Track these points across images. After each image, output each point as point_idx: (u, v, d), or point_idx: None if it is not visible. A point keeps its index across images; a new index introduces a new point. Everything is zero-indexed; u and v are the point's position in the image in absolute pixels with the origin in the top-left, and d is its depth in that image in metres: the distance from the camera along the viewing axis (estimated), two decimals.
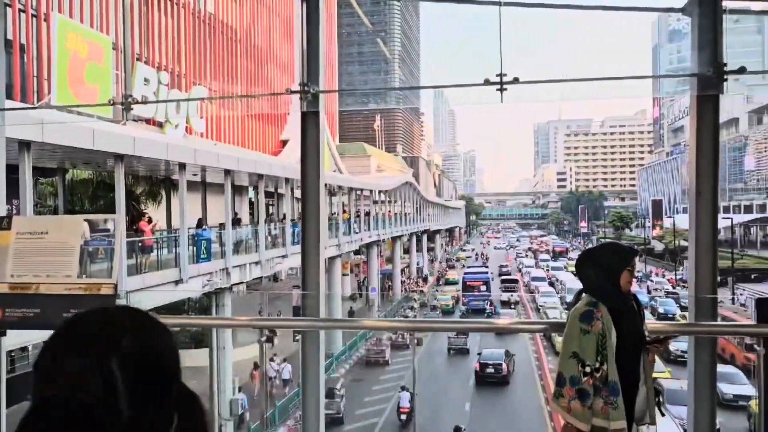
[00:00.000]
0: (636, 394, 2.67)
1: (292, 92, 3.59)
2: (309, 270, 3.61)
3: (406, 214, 56.13)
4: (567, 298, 39.33)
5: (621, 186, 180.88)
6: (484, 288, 45.96)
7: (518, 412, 24.26)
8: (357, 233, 37.87)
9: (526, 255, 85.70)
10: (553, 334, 19.35)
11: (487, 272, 52.32)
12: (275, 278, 39.11)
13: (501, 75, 3.30)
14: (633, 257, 2.82)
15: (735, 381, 21.17)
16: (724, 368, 21.95)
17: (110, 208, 18.63)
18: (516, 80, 3.32)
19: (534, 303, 45.91)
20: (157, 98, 28.92)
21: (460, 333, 31.75)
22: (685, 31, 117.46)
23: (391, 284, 52.00)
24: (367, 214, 42.11)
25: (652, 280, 53.36)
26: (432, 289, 55.15)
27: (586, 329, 2.58)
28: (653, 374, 2.79)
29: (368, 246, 43.77)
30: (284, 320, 10.84)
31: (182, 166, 19.21)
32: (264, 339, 3.51)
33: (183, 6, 34.74)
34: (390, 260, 54.61)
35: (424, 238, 69.55)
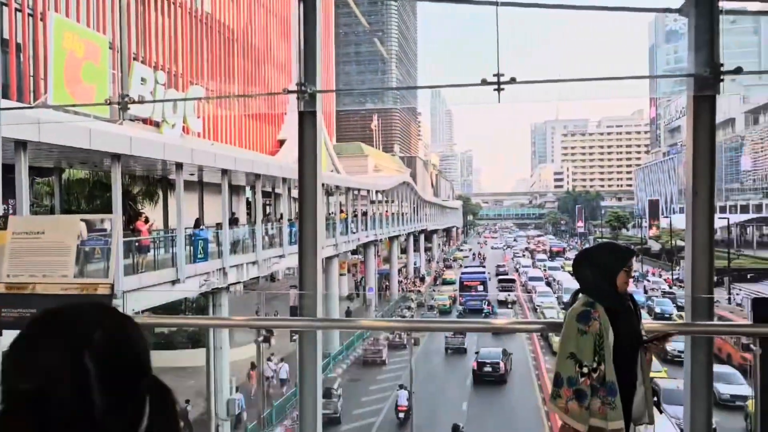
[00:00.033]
0: (633, 394, 2.66)
1: (289, 92, 3.59)
2: (306, 270, 3.61)
3: (403, 214, 56.14)
4: (564, 298, 39.38)
5: (618, 186, 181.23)
6: (481, 288, 46.01)
7: (515, 411, 24.29)
8: (354, 233, 37.87)
9: (523, 255, 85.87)
10: (551, 333, 19.40)
11: (484, 272, 52.36)
12: (272, 278, 39.10)
13: (498, 75, 3.30)
14: (630, 258, 2.79)
15: (732, 381, 21.18)
16: (721, 368, 21.98)
17: (107, 208, 18.58)
18: (513, 80, 3.31)
19: (531, 303, 45.94)
20: (154, 98, 28.87)
21: (458, 333, 31.80)
22: (682, 32, 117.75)
23: (388, 284, 52.00)
24: (364, 213, 42.11)
25: (648, 280, 53.47)
26: (429, 289, 55.16)
27: (584, 329, 2.57)
28: (650, 374, 2.79)
29: (365, 246, 43.77)
30: (281, 320, 10.83)
31: (179, 166, 19.19)
32: (261, 339, 3.51)
33: (180, 5, 34.69)
34: (387, 260, 54.61)
35: (422, 238, 69.58)
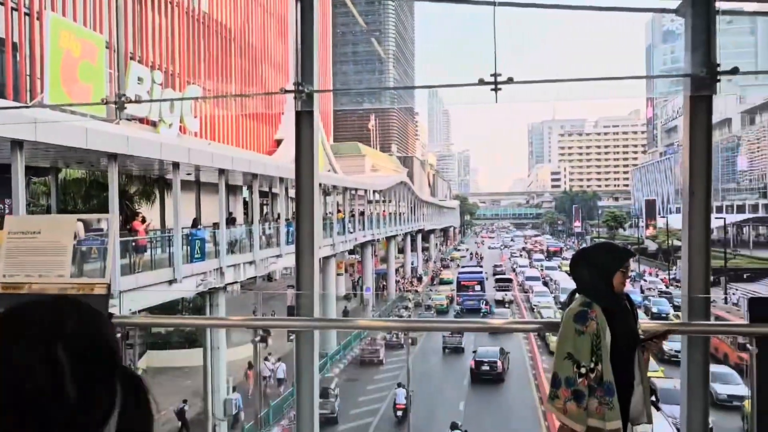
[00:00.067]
0: (630, 394, 2.65)
1: (286, 91, 3.59)
2: (303, 270, 3.61)
3: (400, 213, 56.16)
4: (561, 298, 39.39)
5: (615, 186, 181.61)
6: (478, 288, 46.05)
7: (513, 410, 24.35)
8: (351, 233, 37.86)
9: (521, 255, 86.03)
10: (547, 333, 19.42)
11: (481, 272, 52.41)
12: (269, 278, 39.09)
13: (495, 75, 3.29)
14: (627, 258, 2.78)
15: (729, 381, 21.24)
16: (719, 368, 22.04)
17: (103, 208, 18.56)
18: (510, 80, 3.31)
19: (528, 303, 46.02)
20: (151, 97, 28.81)
21: (455, 332, 31.77)
22: (678, 32, 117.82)
23: (385, 284, 52.02)
24: (361, 213, 42.08)
25: (645, 280, 53.57)
26: (426, 289, 55.20)
27: (581, 330, 2.56)
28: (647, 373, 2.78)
29: (363, 246, 43.76)
30: (278, 320, 10.83)
31: (176, 166, 19.15)
32: (258, 339, 3.50)
33: (177, 5, 34.63)
34: (384, 260, 54.62)
35: (419, 237, 69.62)
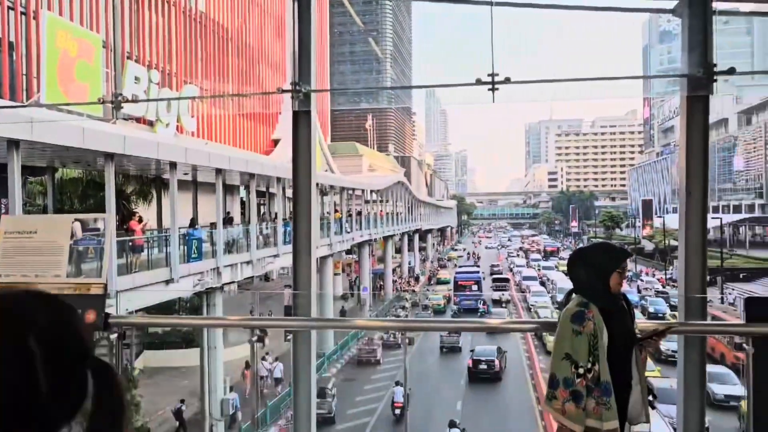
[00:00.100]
0: (627, 394, 2.65)
1: (283, 91, 3.59)
2: (300, 269, 3.61)
3: (397, 213, 56.14)
4: (558, 298, 39.47)
5: (612, 186, 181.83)
6: (475, 287, 46.08)
7: (510, 409, 24.40)
8: (348, 233, 37.83)
9: (518, 254, 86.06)
10: (545, 333, 19.45)
11: (478, 272, 52.46)
12: (266, 278, 39.03)
13: (492, 75, 3.30)
14: (624, 259, 2.77)
15: (726, 381, 21.22)
16: (716, 368, 22.05)
17: (100, 208, 18.49)
18: (507, 80, 3.32)
19: (525, 302, 46.06)
20: (148, 97, 28.73)
21: (452, 332, 31.79)
22: (675, 32, 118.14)
23: (382, 284, 52.01)
24: (358, 213, 42.08)
25: (642, 280, 53.62)
26: (423, 289, 55.22)
27: (578, 330, 2.56)
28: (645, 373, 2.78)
29: (360, 245, 43.74)
30: (276, 320, 10.84)
31: (173, 165, 19.11)
32: (255, 339, 3.50)
33: (174, 4, 34.57)
34: (382, 260, 54.61)
35: (416, 237, 69.61)
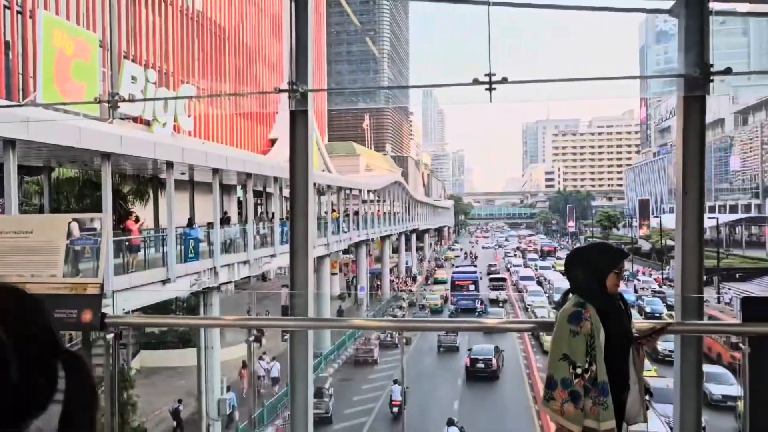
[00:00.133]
0: (624, 394, 2.64)
1: (280, 91, 3.58)
2: (297, 269, 3.60)
3: (395, 213, 56.15)
4: (555, 297, 39.52)
5: (608, 186, 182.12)
6: (472, 287, 46.10)
7: (507, 408, 24.47)
8: (346, 232, 37.83)
9: (515, 254, 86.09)
10: (541, 333, 19.45)
11: (475, 271, 52.47)
12: (264, 277, 38.98)
13: (490, 75, 3.30)
14: (622, 259, 2.76)
15: (723, 381, 21.20)
16: (713, 368, 22.08)
17: (97, 207, 18.45)
18: (505, 80, 3.32)
19: (522, 302, 46.09)
20: (145, 96, 28.68)
21: (450, 331, 31.79)
22: (672, 32, 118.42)
23: (379, 283, 52.00)
24: (356, 213, 42.08)
25: (639, 279, 53.73)
26: (421, 289, 55.22)
27: (576, 330, 2.55)
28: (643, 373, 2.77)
29: (357, 245, 43.74)
30: (273, 320, 10.84)
31: (170, 165, 19.08)
32: (252, 339, 3.50)
33: (171, 3, 34.52)
34: (379, 259, 54.61)
35: (413, 237, 69.62)
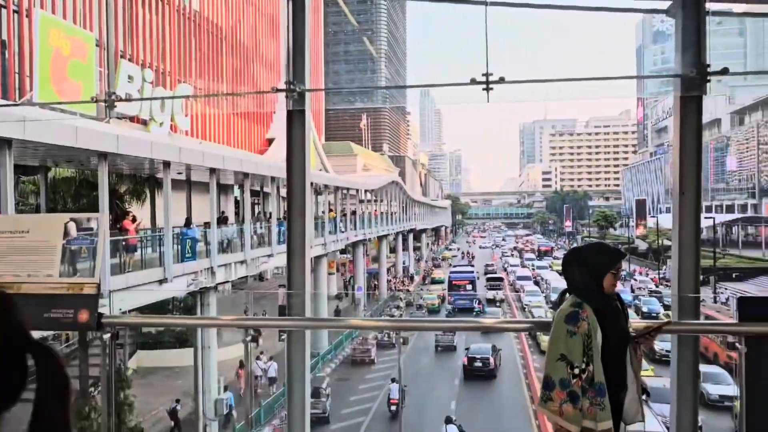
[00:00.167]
0: (622, 394, 2.64)
1: (278, 90, 3.58)
2: (294, 269, 3.60)
3: (392, 213, 56.16)
4: (552, 297, 39.55)
5: (605, 186, 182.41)
6: (470, 287, 46.11)
7: (504, 406, 24.52)
8: (343, 232, 37.82)
9: (512, 254, 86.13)
10: (539, 332, 19.49)
11: (472, 271, 52.48)
12: (261, 277, 39.00)
13: (487, 74, 3.30)
14: (619, 259, 2.75)
15: (720, 381, 21.25)
16: (710, 369, 22.14)
17: (93, 207, 18.43)
18: (502, 80, 3.32)
19: (519, 302, 46.12)
20: (142, 96, 28.64)
21: (447, 331, 31.80)
22: (669, 33, 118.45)
23: (377, 283, 51.98)
24: (353, 213, 42.06)
25: (635, 279, 53.87)
26: (418, 288, 55.22)
27: (573, 330, 2.54)
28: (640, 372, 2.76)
29: (354, 245, 43.74)
30: (270, 320, 10.83)
31: (167, 165, 19.04)
32: (249, 338, 3.49)
33: (168, 3, 34.46)
34: (376, 259, 54.61)
35: (410, 237, 69.66)
